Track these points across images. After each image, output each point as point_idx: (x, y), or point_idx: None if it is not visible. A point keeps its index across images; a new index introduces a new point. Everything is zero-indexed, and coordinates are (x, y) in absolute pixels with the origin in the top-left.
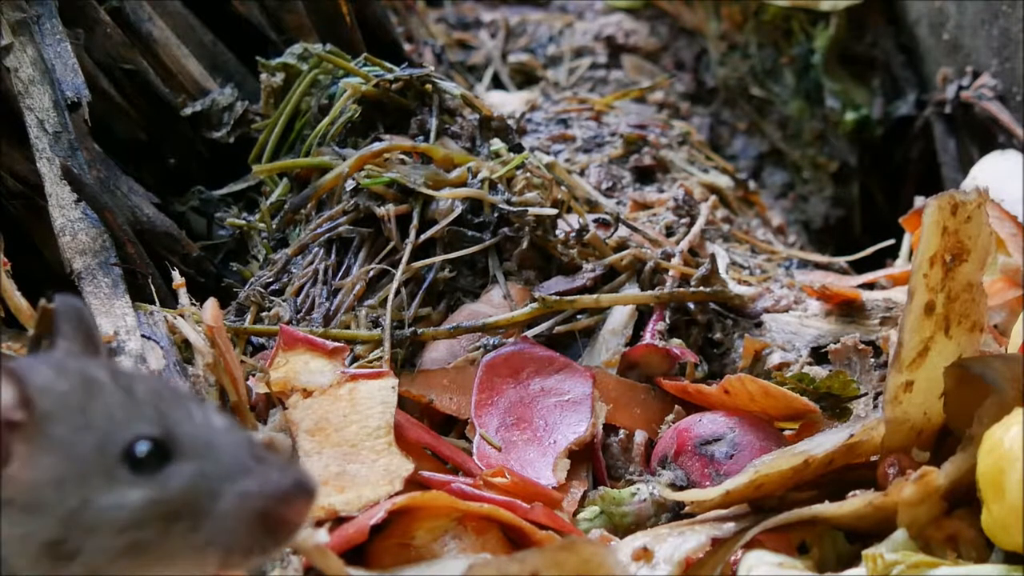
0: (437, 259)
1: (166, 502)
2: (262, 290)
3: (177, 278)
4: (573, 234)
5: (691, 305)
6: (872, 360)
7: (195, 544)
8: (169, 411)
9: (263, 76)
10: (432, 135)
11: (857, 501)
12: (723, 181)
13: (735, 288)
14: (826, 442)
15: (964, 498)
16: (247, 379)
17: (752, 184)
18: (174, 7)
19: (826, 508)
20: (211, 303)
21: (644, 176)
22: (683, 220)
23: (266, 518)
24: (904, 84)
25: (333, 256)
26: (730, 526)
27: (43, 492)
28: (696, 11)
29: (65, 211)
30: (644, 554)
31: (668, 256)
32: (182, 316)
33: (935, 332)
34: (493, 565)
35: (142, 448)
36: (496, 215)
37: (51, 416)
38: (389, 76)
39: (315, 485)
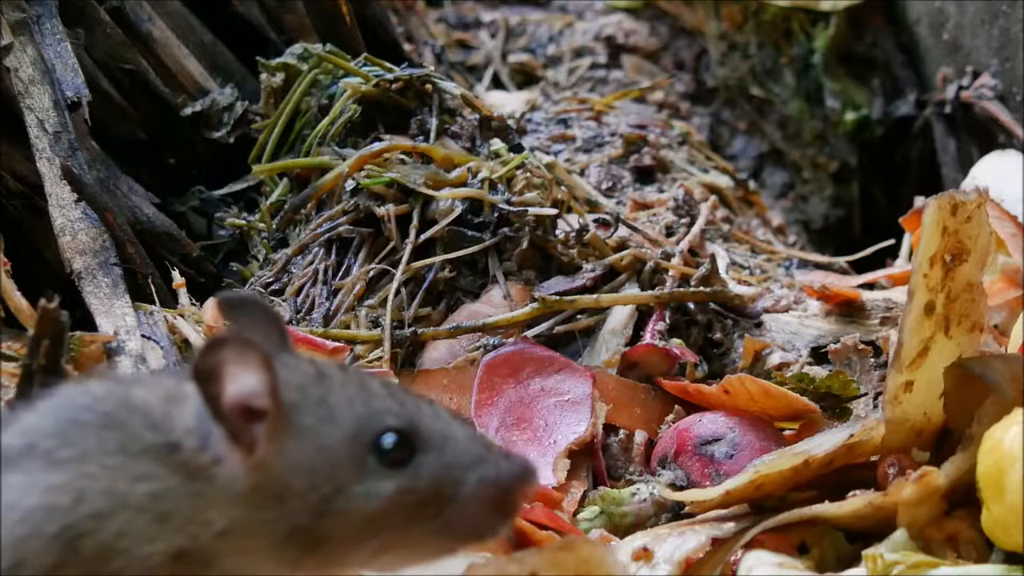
0: (437, 259)
1: (417, 492)
2: (262, 290)
3: (177, 278)
4: (573, 234)
5: (691, 305)
6: (872, 360)
7: (434, 530)
8: (406, 404)
9: (263, 76)
10: (432, 135)
11: (857, 501)
12: (723, 181)
13: (735, 288)
14: (826, 442)
15: (964, 498)
16: None
17: (752, 184)
18: (174, 7)
19: (826, 508)
20: (211, 303)
21: (644, 176)
22: (683, 220)
23: (501, 501)
24: (904, 84)
25: (333, 256)
26: (730, 526)
27: (293, 480)
28: (696, 11)
29: (65, 211)
30: (644, 554)
31: (668, 256)
32: (182, 316)
33: (935, 332)
34: (492, 565)
35: (389, 440)
36: (496, 215)
37: (295, 406)
38: (389, 76)
39: (536, 469)
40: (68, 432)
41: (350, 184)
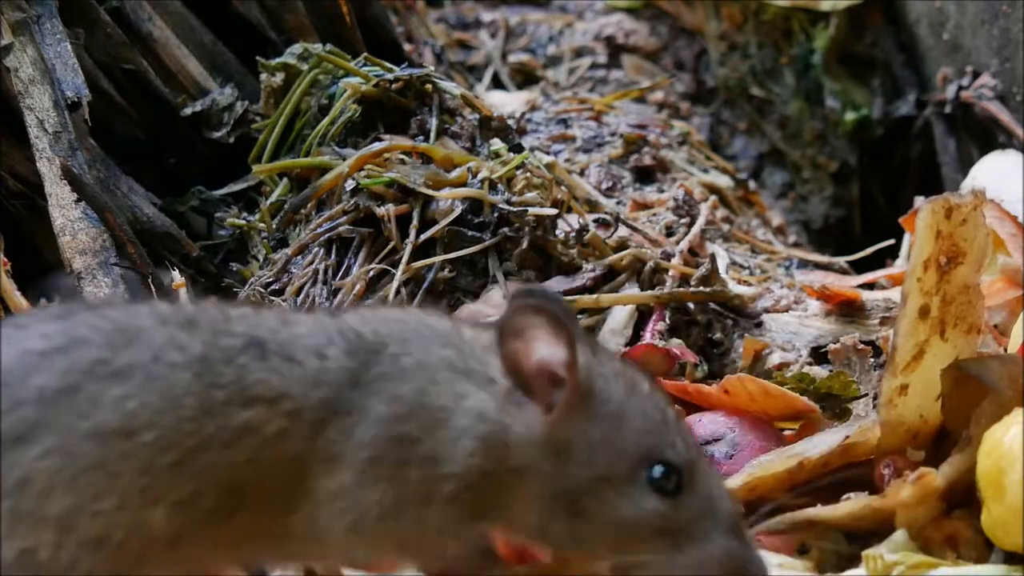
0: (437, 259)
1: (671, 521)
2: (262, 290)
3: (177, 278)
4: (573, 234)
5: (691, 305)
6: (872, 360)
7: (665, 559)
8: (692, 451)
9: (263, 76)
10: (432, 135)
11: (854, 503)
12: (723, 181)
13: (735, 288)
14: (821, 444)
15: (963, 498)
16: None
17: (752, 184)
18: (174, 7)
19: (822, 510)
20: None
21: (644, 176)
22: (683, 220)
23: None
24: (904, 84)
25: (333, 256)
26: None
27: (576, 451)
28: (696, 11)
29: (65, 211)
30: None
31: (668, 256)
32: None
33: (930, 335)
34: None
35: (662, 471)
36: (496, 215)
37: (596, 392)
38: (389, 76)
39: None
40: (410, 340)
41: (350, 184)
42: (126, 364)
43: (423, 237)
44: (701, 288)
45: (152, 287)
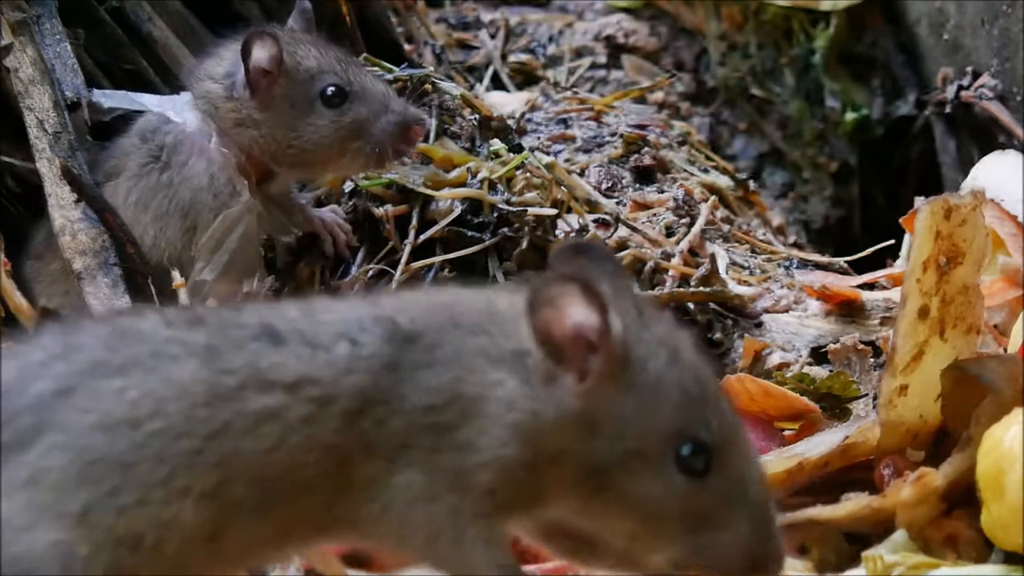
0: (437, 259)
1: (694, 504)
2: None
3: (177, 278)
4: (573, 234)
5: (691, 305)
6: (872, 360)
7: (680, 541)
8: (728, 431)
9: None
10: (432, 135)
11: (855, 503)
12: (723, 181)
13: (735, 288)
14: (820, 445)
15: (963, 498)
16: None
17: (752, 184)
18: (174, 7)
19: (823, 511)
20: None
21: (644, 176)
22: (683, 220)
23: None
24: (904, 84)
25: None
26: None
27: (607, 422)
28: (696, 11)
29: (65, 211)
30: None
31: (668, 256)
32: None
33: (930, 336)
34: None
35: (691, 450)
36: (496, 215)
37: (633, 362)
38: (389, 76)
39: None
40: (446, 329)
41: (348, 184)
42: (125, 361)
43: (423, 237)
44: (701, 288)
45: (152, 288)
